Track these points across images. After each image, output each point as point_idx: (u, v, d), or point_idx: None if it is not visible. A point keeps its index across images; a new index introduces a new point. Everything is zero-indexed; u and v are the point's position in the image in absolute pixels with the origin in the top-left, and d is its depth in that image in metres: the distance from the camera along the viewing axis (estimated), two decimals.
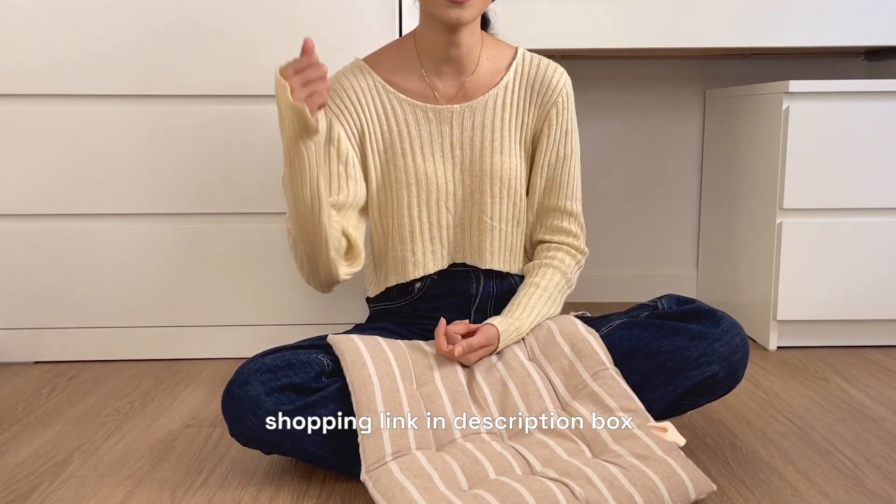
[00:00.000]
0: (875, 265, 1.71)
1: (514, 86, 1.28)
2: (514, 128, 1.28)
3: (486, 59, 1.27)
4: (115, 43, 1.57)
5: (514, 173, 1.27)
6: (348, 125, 1.24)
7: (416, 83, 1.26)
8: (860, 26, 1.77)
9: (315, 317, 1.69)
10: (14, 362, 1.68)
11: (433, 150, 1.25)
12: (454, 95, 1.26)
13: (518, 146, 1.28)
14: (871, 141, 1.67)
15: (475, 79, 1.26)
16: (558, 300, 1.28)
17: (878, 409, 1.39)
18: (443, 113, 1.25)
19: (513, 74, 1.28)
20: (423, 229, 1.26)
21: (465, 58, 1.24)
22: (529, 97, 1.28)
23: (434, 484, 0.97)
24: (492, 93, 1.26)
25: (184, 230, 1.65)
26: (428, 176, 1.25)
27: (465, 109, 1.26)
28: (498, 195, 1.26)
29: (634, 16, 1.77)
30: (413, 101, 1.25)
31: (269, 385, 1.06)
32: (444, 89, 1.26)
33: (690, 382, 1.13)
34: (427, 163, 1.25)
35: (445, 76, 1.26)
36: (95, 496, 1.08)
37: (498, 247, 1.29)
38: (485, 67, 1.27)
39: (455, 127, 1.26)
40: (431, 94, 1.26)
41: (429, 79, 1.26)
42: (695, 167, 2.19)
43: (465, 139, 1.26)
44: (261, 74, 1.59)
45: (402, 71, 1.26)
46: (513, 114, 1.27)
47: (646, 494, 0.96)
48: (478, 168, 1.26)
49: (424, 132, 1.25)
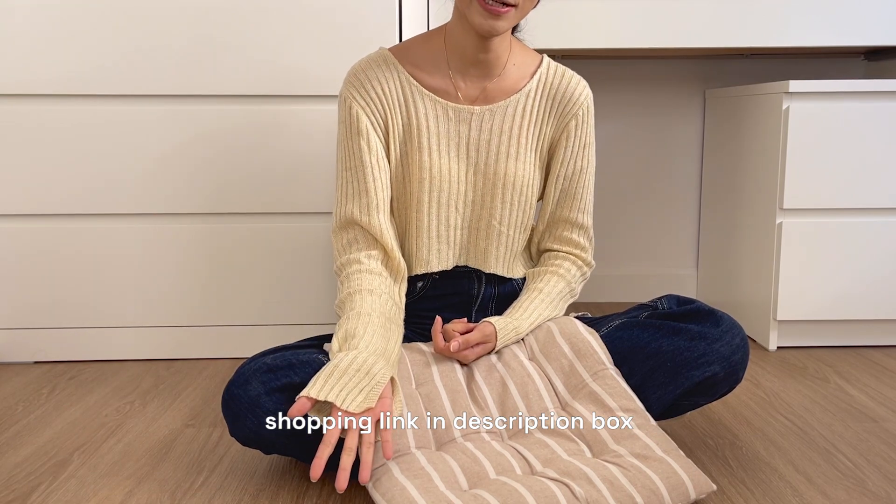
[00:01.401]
0: (875, 265, 1.71)
1: (536, 94, 1.27)
2: (532, 135, 1.27)
3: (512, 65, 1.27)
4: (121, 43, 1.57)
5: (526, 181, 1.27)
6: (373, 116, 1.23)
7: (440, 80, 1.25)
8: (860, 26, 1.77)
9: (315, 317, 1.69)
10: (14, 362, 1.68)
11: (449, 148, 1.25)
12: (476, 97, 1.26)
13: (533, 154, 1.28)
14: (871, 141, 1.67)
15: (499, 83, 1.26)
16: (560, 306, 1.28)
17: (878, 409, 1.39)
18: (462, 112, 1.25)
19: (536, 82, 1.27)
20: (430, 226, 1.26)
21: (493, 62, 1.24)
22: (550, 107, 1.28)
23: (434, 484, 0.97)
24: (513, 98, 1.26)
25: (184, 231, 1.65)
26: (441, 173, 1.24)
27: (485, 112, 1.25)
28: (509, 201, 1.26)
29: (634, 16, 1.77)
30: (435, 96, 1.25)
31: (270, 385, 1.05)
32: (467, 90, 1.26)
33: (690, 382, 1.12)
34: (442, 159, 1.24)
35: (470, 77, 1.25)
36: (95, 496, 1.08)
37: (503, 252, 1.29)
38: (510, 73, 1.26)
39: (473, 128, 1.25)
40: (454, 92, 1.25)
41: (453, 77, 1.25)
42: (695, 167, 2.19)
43: (481, 141, 1.26)
44: (272, 75, 1.59)
45: (427, 66, 1.26)
46: (531, 121, 1.27)
47: (646, 494, 0.96)
48: (491, 171, 1.26)
49: (442, 129, 1.25)
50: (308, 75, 1.59)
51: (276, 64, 1.59)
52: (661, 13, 1.76)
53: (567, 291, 1.30)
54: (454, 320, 1.22)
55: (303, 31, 1.58)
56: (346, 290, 1.19)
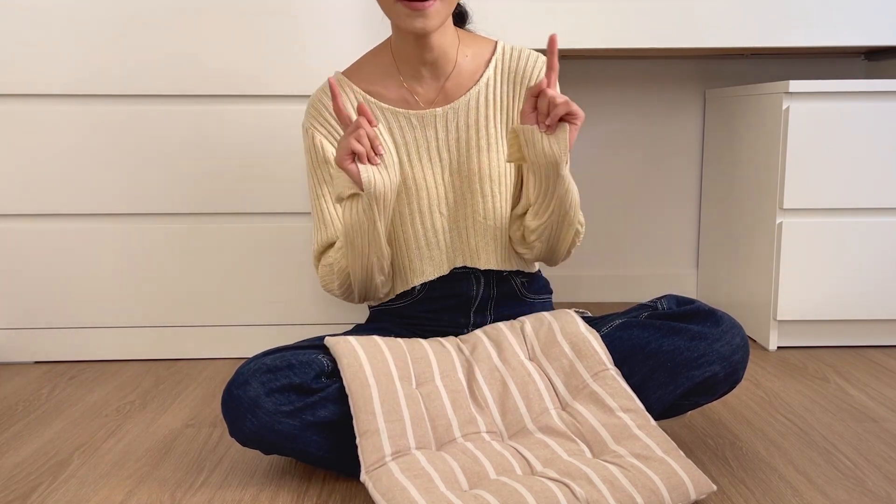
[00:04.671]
0: (875, 265, 1.71)
1: (495, 81, 1.26)
2: (500, 123, 1.27)
3: (464, 57, 1.26)
4: (120, 43, 1.57)
5: (502, 170, 1.26)
6: (336, 142, 1.24)
7: (396, 90, 1.25)
8: (860, 26, 1.77)
9: (315, 317, 1.69)
10: (14, 362, 1.68)
11: (420, 155, 1.25)
12: (435, 98, 1.26)
13: (505, 142, 1.27)
14: (871, 141, 1.67)
15: (455, 79, 1.25)
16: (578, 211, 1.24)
17: (878, 409, 1.39)
18: (426, 117, 1.25)
19: (493, 70, 1.27)
20: (417, 236, 1.26)
21: (440, 60, 1.23)
22: (512, 90, 1.27)
23: (434, 484, 0.97)
24: (473, 91, 1.25)
25: (185, 230, 1.65)
26: (417, 182, 1.24)
27: (448, 111, 1.25)
28: (489, 193, 1.26)
29: (634, 16, 1.77)
30: (395, 108, 1.25)
31: (269, 385, 1.05)
32: (425, 93, 1.25)
33: (691, 382, 1.12)
34: (415, 169, 1.24)
35: (424, 80, 1.25)
36: (95, 496, 1.08)
37: (493, 246, 1.28)
38: (464, 66, 1.26)
39: (439, 130, 1.25)
40: (412, 99, 1.25)
41: (408, 84, 1.25)
42: (695, 167, 2.19)
43: (450, 141, 1.25)
44: (263, 75, 1.59)
45: (380, 80, 1.26)
46: (497, 110, 1.26)
47: (646, 495, 0.96)
48: (465, 169, 1.25)
49: (409, 139, 1.25)
50: (311, 75, 1.59)
51: (267, 64, 1.59)
52: (661, 13, 1.76)
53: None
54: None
55: (283, 29, 1.58)
56: (327, 263, 1.25)
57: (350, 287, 1.24)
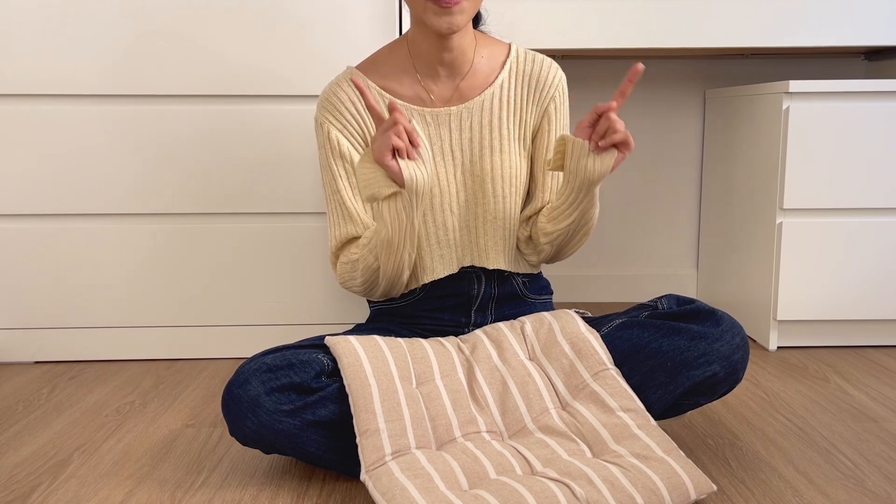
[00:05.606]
0: (875, 265, 1.71)
1: (509, 83, 1.28)
2: (513, 125, 1.28)
3: (480, 58, 1.27)
4: (118, 43, 1.57)
5: (514, 171, 1.27)
6: (352, 136, 1.24)
7: (412, 87, 1.26)
8: (860, 26, 1.77)
9: (315, 317, 1.69)
10: (14, 362, 1.68)
11: (433, 153, 1.25)
12: (450, 97, 1.26)
13: (518, 144, 1.28)
14: (871, 141, 1.67)
15: (470, 79, 1.26)
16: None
17: (878, 409, 1.39)
18: (440, 116, 1.25)
19: (507, 72, 1.28)
20: (429, 233, 1.26)
21: (458, 60, 1.24)
22: (526, 94, 1.28)
23: (434, 484, 0.97)
24: (487, 92, 1.26)
25: (185, 231, 1.65)
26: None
27: (462, 111, 1.26)
28: (501, 193, 1.26)
29: (633, 15, 1.77)
30: (409, 105, 1.25)
31: (270, 385, 1.05)
32: (440, 92, 1.26)
33: (691, 382, 1.12)
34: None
35: (440, 79, 1.26)
36: (95, 496, 1.08)
37: (503, 246, 1.28)
38: (479, 67, 1.27)
39: (453, 129, 1.26)
40: (427, 97, 1.26)
41: (423, 82, 1.26)
42: (695, 167, 2.19)
43: (463, 140, 1.26)
44: (263, 76, 1.59)
45: (396, 76, 1.26)
46: (511, 111, 1.27)
47: (646, 495, 0.96)
48: (478, 168, 1.26)
49: (423, 136, 1.25)
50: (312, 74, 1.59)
51: (266, 65, 1.59)
52: (661, 13, 1.76)
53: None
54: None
55: (289, 29, 1.58)
56: (349, 260, 1.24)
57: (375, 283, 1.24)
